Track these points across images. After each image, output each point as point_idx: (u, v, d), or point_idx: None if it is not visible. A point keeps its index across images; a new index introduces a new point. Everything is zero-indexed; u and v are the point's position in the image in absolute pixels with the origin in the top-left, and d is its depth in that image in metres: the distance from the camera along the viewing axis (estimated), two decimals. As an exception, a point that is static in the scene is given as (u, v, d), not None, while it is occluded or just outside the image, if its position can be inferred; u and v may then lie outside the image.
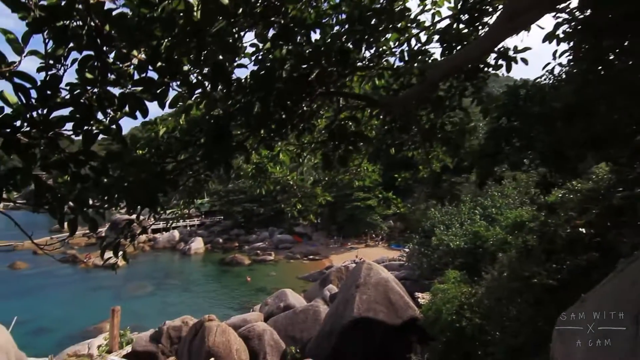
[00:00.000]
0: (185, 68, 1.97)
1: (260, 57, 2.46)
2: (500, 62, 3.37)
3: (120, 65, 1.74)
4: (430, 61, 3.26)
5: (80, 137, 1.75)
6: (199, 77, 2.08)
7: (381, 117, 3.37)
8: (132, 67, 1.79)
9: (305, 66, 2.35)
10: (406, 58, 3.27)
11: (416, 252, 21.71)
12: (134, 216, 2.78)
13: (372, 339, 11.19)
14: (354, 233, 49.15)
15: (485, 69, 3.42)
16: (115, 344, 7.33)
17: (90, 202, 2.06)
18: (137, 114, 1.86)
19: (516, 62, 3.38)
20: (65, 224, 2.01)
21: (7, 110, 1.54)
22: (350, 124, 3.00)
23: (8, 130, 1.51)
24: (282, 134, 2.74)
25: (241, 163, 4.00)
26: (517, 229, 13.84)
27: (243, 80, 2.36)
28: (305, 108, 2.79)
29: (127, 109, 1.85)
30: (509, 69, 3.40)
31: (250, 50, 2.58)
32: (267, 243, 50.03)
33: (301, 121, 2.85)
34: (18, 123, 1.56)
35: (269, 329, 12.12)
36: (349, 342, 10.94)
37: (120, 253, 2.79)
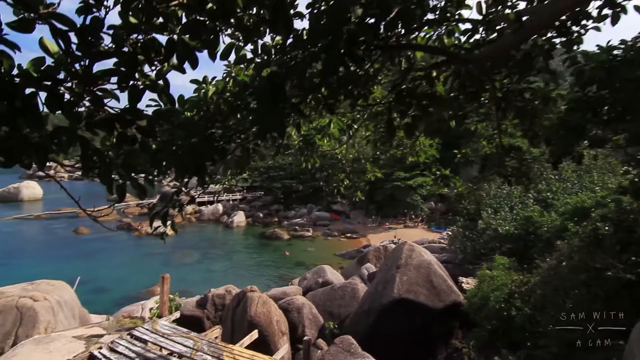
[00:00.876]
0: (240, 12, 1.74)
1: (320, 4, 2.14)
2: (604, 12, 2.75)
3: (168, 6, 1.53)
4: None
5: (125, 94, 1.60)
6: (255, 19, 1.83)
7: (450, 80, 2.95)
8: (179, 9, 1.58)
9: (375, 12, 2.02)
10: (483, 11, 2.78)
11: (460, 236, 20.86)
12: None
13: (412, 321, 10.96)
14: (393, 213, 48.42)
15: (584, 21, 2.82)
16: (164, 309, 7.73)
17: (139, 168, 1.94)
18: (186, 66, 1.66)
19: (625, 12, 2.75)
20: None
21: (49, 60, 1.40)
22: (424, 83, 2.62)
23: (50, 83, 1.38)
24: (348, 92, 2.43)
25: (291, 133, 3.78)
26: (577, 216, 12.70)
27: (301, 32, 2.08)
28: (367, 66, 2.47)
29: (174, 60, 1.66)
30: (615, 21, 2.77)
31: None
32: (305, 219, 50.81)
33: (357, 85, 2.54)
34: (61, 76, 1.42)
35: (308, 303, 12.28)
36: (387, 322, 10.81)
37: (169, 223, 2.71)
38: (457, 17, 2.73)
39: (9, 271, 26.44)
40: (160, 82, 1.71)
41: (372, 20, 2.05)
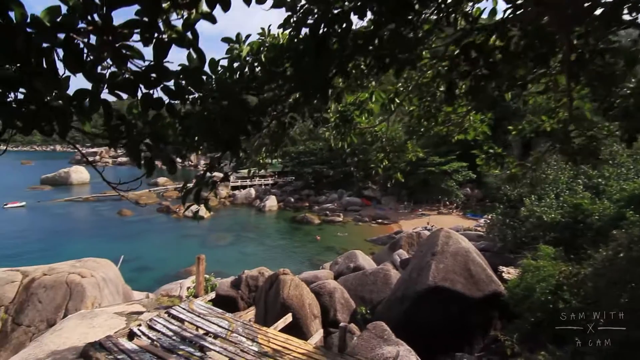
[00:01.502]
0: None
1: None
2: None
3: None
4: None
5: (149, 50, 1.42)
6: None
7: (514, 40, 2.52)
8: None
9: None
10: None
11: (499, 223, 19.89)
12: (216, 173, 2.51)
13: (448, 310, 10.59)
14: (426, 199, 47.22)
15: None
16: (200, 289, 7.91)
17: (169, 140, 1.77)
18: (215, 17, 1.44)
19: None
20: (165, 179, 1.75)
21: (64, 9, 1.23)
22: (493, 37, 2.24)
23: (67, 35, 1.21)
24: (394, 57, 2.12)
25: (330, 106, 3.51)
26: (635, 204, 11.63)
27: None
28: (418, 23, 2.14)
29: (204, 6, 1.43)
30: None
31: None
32: (336, 204, 50.79)
33: (406, 48, 2.22)
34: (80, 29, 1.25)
35: (340, 288, 12.20)
36: (422, 309, 10.51)
37: (203, 204, 2.57)
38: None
39: (60, 249, 28.60)
40: (189, 34, 1.50)
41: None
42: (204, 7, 1.43)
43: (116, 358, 5.60)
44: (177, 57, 1.24)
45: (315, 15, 1.84)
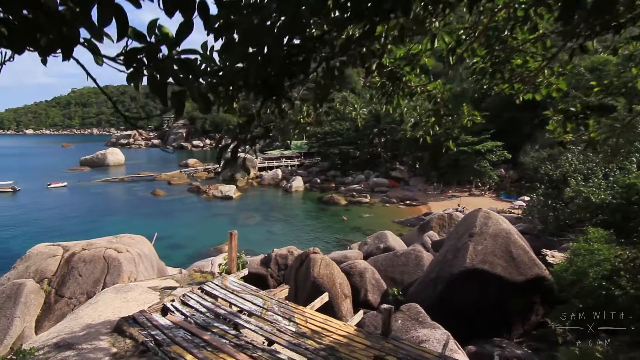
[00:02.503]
0: None
1: None
2: None
3: None
4: None
5: None
6: None
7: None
8: None
9: None
10: None
11: (539, 204, 18.75)
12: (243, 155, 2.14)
13: (486, 293, 10.07)
14: (457, 180, 45.60)
15: None
16: (233, 266, 7.78)
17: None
18: None
19: None
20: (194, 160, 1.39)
21: None
22: None
23: None
24: None
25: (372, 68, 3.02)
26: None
27: None
28: None
29: None
30: None
31: None
32: (362, 185, 50.21)
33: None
34: None
35: (371, 268, 11.92)
36: (457, 292, 10.05)
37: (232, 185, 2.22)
38: None
39: (98, 226, 30.06)
40: None
41: None
42: None
43: (149, 333, 5.48)
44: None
45: None
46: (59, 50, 1.12)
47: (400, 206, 41.22)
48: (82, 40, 1.11)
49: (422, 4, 2.07)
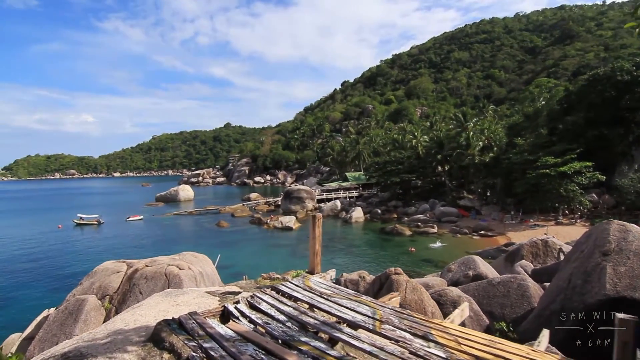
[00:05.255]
0: None
1: None
2: None
3: None
4: None
5: None
6: None
7: None
8: None
9: None
10: None
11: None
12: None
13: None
14: (538, 208, 40.07)
15: None
16: (317, 263, 5.93)
17: None
18: None
19: None
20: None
21: None
22: None
23: None
24: None
25: None
26: None
27: None
28: None
29: None
30: None
31: None
32: (428, 215, 46.77)
33: None
34: None
35: (466, 297, 9.70)
36: (597, 327, 7.45)
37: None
38: None
39: (167, 253, 31.00)
40: None
41: None
42: None
43: (200, 346, 3.61)
44: None
45: None
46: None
47: (474, 237, 37.16)
48: None
49: None
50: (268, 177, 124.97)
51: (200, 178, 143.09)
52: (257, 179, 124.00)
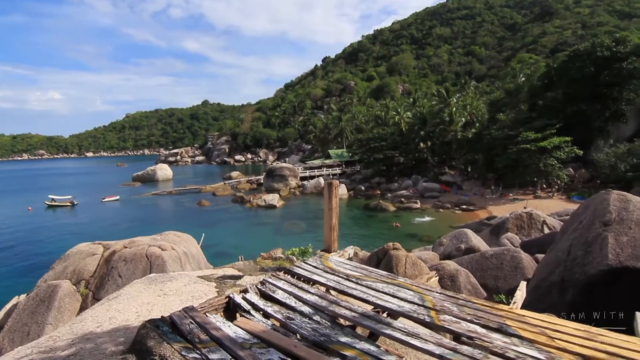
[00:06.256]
0: None
1: None
2: None
3: None
4: None
5: None
6: None
7: None
8: None
9: None
10: None
11: None
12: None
13: None
14: (518, 182, 40.99)
15: None
16: (334, 239, 4.82)
17: None
18: None
19: None
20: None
21: None
22: None
23: None
24: None
25: None
26: None
27: None
28: None
29: None
30: None
31: None
32: (411, 191, 47.14)
33: None
34: None
35: (464, 270, 9.51)
36: (599, 299, 7.38)
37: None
38: None
39: (145, 232, 29.87)
40: None
41: None
42: None
43: (205, 357, 2.61)
44: None
45: None
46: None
47: (457, 211, 37.76)
48: None
49: None
50: (249, 156, 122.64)
51: (179, 157, 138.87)
52: (237, 157, 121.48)
